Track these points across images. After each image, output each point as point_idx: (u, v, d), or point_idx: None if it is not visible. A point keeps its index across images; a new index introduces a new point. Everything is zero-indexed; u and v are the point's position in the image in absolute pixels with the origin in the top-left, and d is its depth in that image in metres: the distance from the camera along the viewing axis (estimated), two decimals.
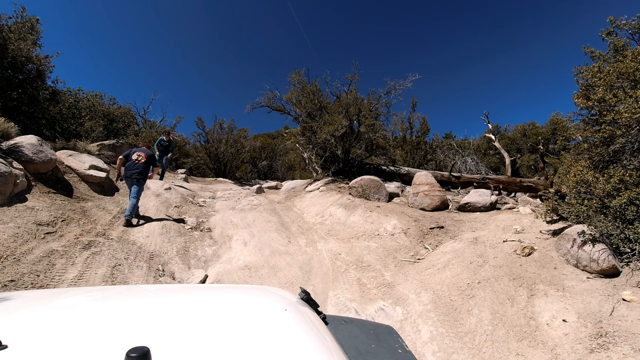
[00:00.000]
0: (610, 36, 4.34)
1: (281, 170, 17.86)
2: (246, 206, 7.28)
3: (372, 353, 1.06)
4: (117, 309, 0.88)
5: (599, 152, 4.15)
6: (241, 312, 0.88)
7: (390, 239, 4.68)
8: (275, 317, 0.85)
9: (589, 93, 3.26)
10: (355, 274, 3.87)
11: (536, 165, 15.25)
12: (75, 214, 4.82)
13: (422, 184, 6.87)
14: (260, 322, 0.81)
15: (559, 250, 3.14)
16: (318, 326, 0.89)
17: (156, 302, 0.99)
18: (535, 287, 2.76)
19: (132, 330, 0.70)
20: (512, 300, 2.68)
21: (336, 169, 9.01)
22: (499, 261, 3.28)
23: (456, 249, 3.84)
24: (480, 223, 5.08)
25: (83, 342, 0.63)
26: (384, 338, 1.17)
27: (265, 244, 5.02)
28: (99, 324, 0.74)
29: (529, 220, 4.46)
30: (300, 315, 0.88)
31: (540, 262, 3.11)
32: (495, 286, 2.90)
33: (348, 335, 1.13)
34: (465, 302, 2.81)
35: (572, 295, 2.57)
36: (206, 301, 0.99)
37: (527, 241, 3.55)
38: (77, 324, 0.74)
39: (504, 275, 3.03)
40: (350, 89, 8.88)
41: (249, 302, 0.99)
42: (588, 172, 3.16)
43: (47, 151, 5.23)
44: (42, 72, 8.21)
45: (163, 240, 5.05)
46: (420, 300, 2.97)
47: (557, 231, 3.52)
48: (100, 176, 6.27)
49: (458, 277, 3.18)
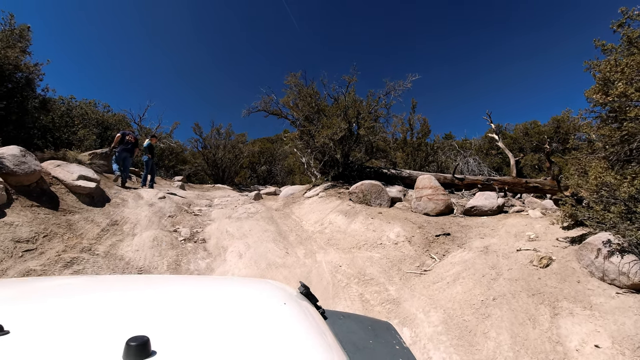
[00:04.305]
0: (623, 27, 4.08)
1: (281, 175, 17.59)
2: (243, 214, 7.01)
3: (370, 348, 1.06)
4: (115, 298, 0.86)
5: (613, 151, 3.89)
6: (240, 304, 0.86)
7: (393, 248, 4.39)
8: (274, 310, 0.83)
9: (607, 88, 2.99)
10: (357, 289, 3.58)
11: (540, 164, 14.91)
12: (59, 229, 4.55)
13: (426, 188, 6.59)
14: (259, 315, 0.78)
15: (581, 261, 2.85)
16: (317, 321, 0.87)
17: (154, 292, 0.96)
18: (559, 305, 2.47)
19: (130, 320, 0.69)
20: (533, 321, 2.39)
21: (336, 174, 8.74)
22: (514, 274, 2.99)
23: (465, 260, 3.55)
24: (488, 229, 4.79)
25: (83, 331, 0.62)
26: (382, 334, 1.16)
27: (262, 256, 4.74)
28: (98, 313, 0.72)
29: (542, 225, 4.17)
30: (299, 309, 0.87)
31: (560, 274, 2.82)
32: (512, 303, 2.61)
33: (346, 331, 1.12)
34: (480, 322, 2.52)
35: (601, 315, 2.28)
36: (205, 292, 0.96)
37: (544, 250, 3.26)
38: (77, 312, 0.73)
39: (521, 290, 2.74)
40: (349, 91, 8.64)
41: (247, 295, 0.96)
42: (608, 173, 2.88)
43: (30, 162, 4.97)
44: (32, 80, 7.99)
45: (154, 254, 4.78)
46: (429, 321, 2.68)
47: (576, 239, 3.23)
48: (89, 187, 6.00)
49: (470, 293, 2.89)
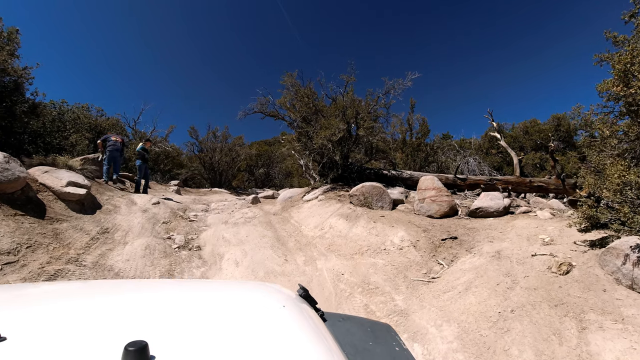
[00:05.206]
0: (635, 17, 3.90)
1: (279, 177, 17.35)
2: (240, 219, 6.76)
3: (369, 350, 1.05)
4: (112, 303, 0.85)
5: (628, 148, 3.69)
6: (238, 307, 0.85)
7: (398, 253, 4.16)
8: (273, 313, 0.82)
9: (627, 79, 2.79)
10: (361, 299, 3.35)
11: (542, 163, 14.75)
12: (44, 239, 4.30)
13: (429, 189, 6.37)
14: (258, 318, 0.78)
15: (605, 268, 2.63)
16: (317, 323, 0.86)
17: (152, 296, 0.93)
18: (585, 318, 2.24)
19: (128, 324, 0.67)
20: (559, 336, 2.17)
21: (335, 176, 8.51)
22: (532, 282, 2.77)
23: (477, 266, 3.33)
24: (497, 231, 4.57)
25: (81, 336, 0.61)
26: (382, 336, 1.15)
27: (259, 264, 4.49)
28: (96, 318, 0.70)
29: (555, 227, 3.96)
30: (299, 312, 0.86)
31: (583, 282, 2.59)
32: (533, 316, 2.39)
33: (345, 332, 1.11)
34: (499, 338, 2.29)
35: (635, 329, 2.05)
36: (203, 296, 0.95)
37: (561, 255, 3.04)
38: (75, 317, 0.71)
39: (541, 300, 2.51)
40: (347, 91, 8.43)
41: (246, 298, 0.94)
42: (633, 171, 2.67)
43: (14, 169, 4.72)
44: (21, 84, 7.74)
45: (145, 263, 4.53)
46: (442, 336, 2.45)
47: (596, 243, 3.01)
48: (79, 193, 5.75)
49: (485, 304, 2.66)
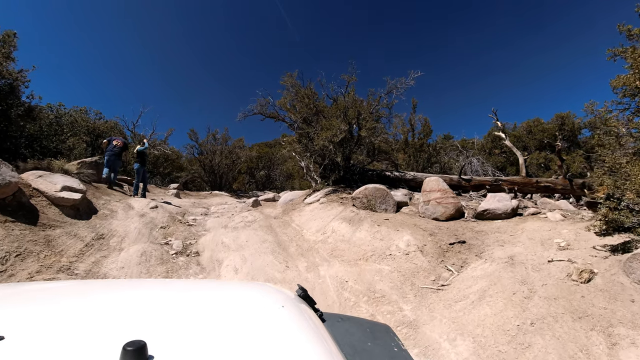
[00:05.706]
0: None
1: (280, 180, 17.18)
2: (239, 223, 6.58)
3: (368, 351, 1.05)
4: (110, 302, 0.83)
5: None
6: (237, 307, 0.83)
7: (404, 259, 3.97)
8: (272, 313, 0.80)
9: None
10: (367, 309, 3.16)
11: (546, 163, 14.54)
12: (35, 246, 4.13)
13: (434, 191, 6.18)
14: (257, 318, 0.76)
15: (631, 275, 2.44)
16: (316, 324, 0.84)
17: (150, 295, 0.91)
18: (614, 332, 2.05)
19: (126, 324, 0.67)
20: (586, 353, 1.98)
21: (336, 178, 8.33)
22: (551, 291, 2.58)
23: (489, 273, 3.14)
24: (507, 235, 4.38)
25: (80, 335, 0.60)
26: (380, 336, 1.14)
27: (259, 270, 4.31)
28: (94, 317, 0.70)
29: (569, 230, 3.76)
30: (298, 312, 0.84)
31: (608, 291, 2.40)
32: (556, 329, 2.20)
33: (344, 333, 1.11)
34: (519, 354, 2.10)
35: None
36: (202, 295, 0.94)
37: (580, 261, 2.85)
38: (72, 316, 0.70)
39: (563, 312, 2.32)
40: (348, 91, 8.26)
41: (245, 298, 0.92)
42: None
43: (5, 174, 4.56)
44: (16, 87, 7.61)
45: (140, 271, 4.35)
46: (457, 352, 2.26)
47: (618, 248, 2.82)
48: (74, 198, 5.58)
49: (502, 316, 2.47)
